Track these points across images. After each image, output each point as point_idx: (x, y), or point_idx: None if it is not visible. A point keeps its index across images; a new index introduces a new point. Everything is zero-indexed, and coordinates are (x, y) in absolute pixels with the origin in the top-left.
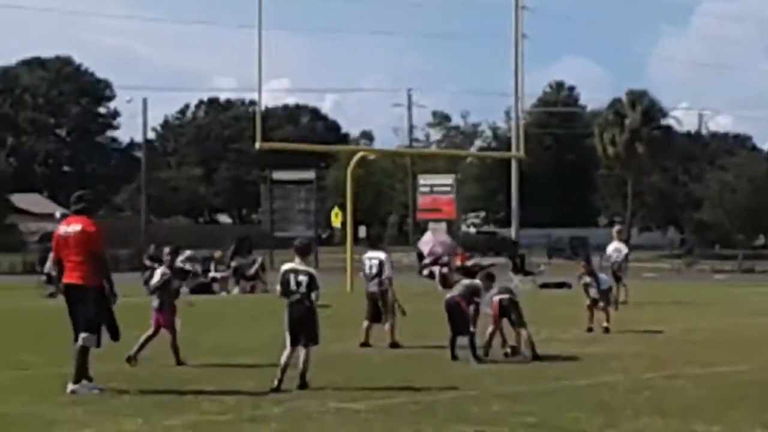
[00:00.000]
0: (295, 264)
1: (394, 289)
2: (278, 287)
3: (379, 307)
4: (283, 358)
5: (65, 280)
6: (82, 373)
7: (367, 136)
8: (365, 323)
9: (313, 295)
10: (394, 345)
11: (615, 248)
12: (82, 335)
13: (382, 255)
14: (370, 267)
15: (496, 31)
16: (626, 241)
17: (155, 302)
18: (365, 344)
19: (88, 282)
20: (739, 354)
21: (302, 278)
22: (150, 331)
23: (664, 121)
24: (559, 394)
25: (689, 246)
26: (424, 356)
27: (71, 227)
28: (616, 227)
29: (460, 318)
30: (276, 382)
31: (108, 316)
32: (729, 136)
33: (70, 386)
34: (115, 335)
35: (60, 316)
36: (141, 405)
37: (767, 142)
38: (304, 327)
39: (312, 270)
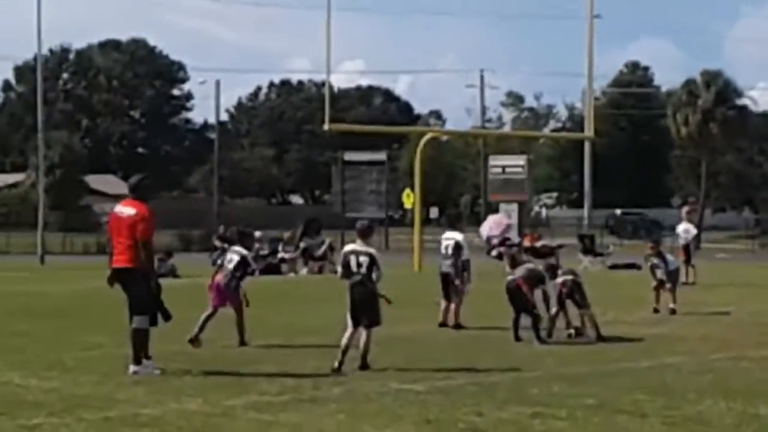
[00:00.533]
0: (356, 245)
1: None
2: (339, 269)
3: (450, 287)
4: (344, 340)
5: (115, 264)
6: (140, 354)
7: (437, 115)
8: (442, 303)
9: (374, 276)
10: (457, 326)
11: (684, 229)
12: (136, 318)
13: (458, 236)
14: (446, 247)
15: (570, 11)
16: (697, 223)
17: (225, 281)
18: (443, 324)
19: (138, 264)
20: None
21: (363, 259)
22: (209, 311)
23: (739, 101)
24: (620, 376)
25: (764, 227)
26: (488, 337)
27: (126, 210)
28: (686, 207)
29: (521, 300)
30: (336, 363)
31: (158, 300)
32: None
33: (132, 368)
34: (165, 317)
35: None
36: (202, 385)
37: None
38: (365, 308)
39: (373, 251)
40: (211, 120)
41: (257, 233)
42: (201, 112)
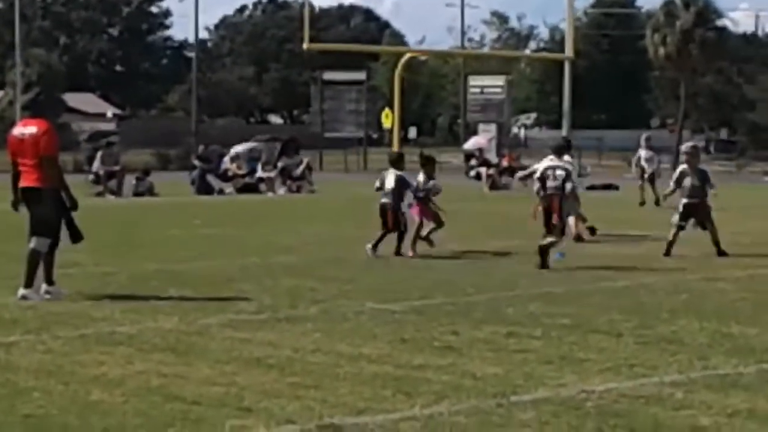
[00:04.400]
0: (552, 161)
1: None
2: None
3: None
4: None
5: (22, 184)
6: (33, 278)
7: (396, 36)
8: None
9: (567, 187)
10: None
11: (646, 158)
12: (35, 239)
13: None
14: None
15: None
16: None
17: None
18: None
19: (44, 184)
20: None
21: (559, 173)
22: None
23: (719, 23)
24: (596, 296)
25: (741, 148)
26: (466, 259)
27: (27, 129)
28: (645, 134)
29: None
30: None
31: (67, 220)
32: None
33: (21, 291)
34: (75, 238)
35: (105, 216)
36: (179, 304)
37: None
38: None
39: (569, 167)
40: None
41: (239, 148)
42: (183, 31)
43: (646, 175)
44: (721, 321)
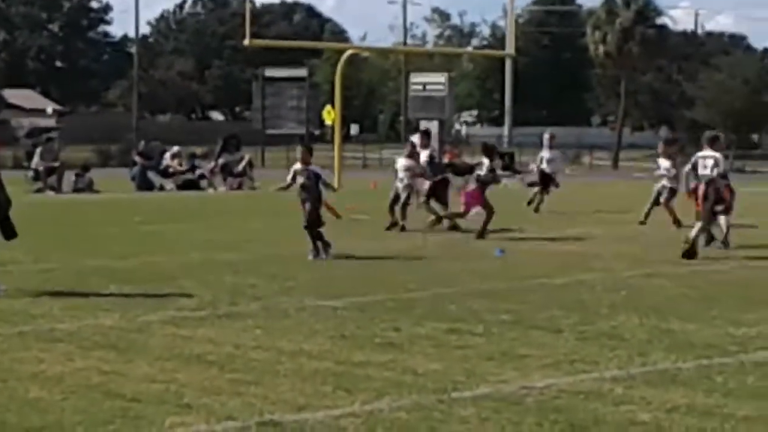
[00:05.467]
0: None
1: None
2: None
3: None
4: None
5: None
6: None
7: (338, 32)
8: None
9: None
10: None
11: (548, 159)
12: None
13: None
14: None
15: None
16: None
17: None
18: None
19: None
20: (721, 252)
21: (709, 162)
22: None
23: (659, 21)
24: (536, 292)
25: (681, 145)
26: (407, 253)
27: None
28: (547, 134)
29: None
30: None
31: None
32: (725, 36)
33: None
34: (8, 235)
35: (44, 212)
36: (119, 300)
37: (762, 42)
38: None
39: (719, 156)
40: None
41: (175, 148)
42: (123, 26)
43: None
44: (660, 317)
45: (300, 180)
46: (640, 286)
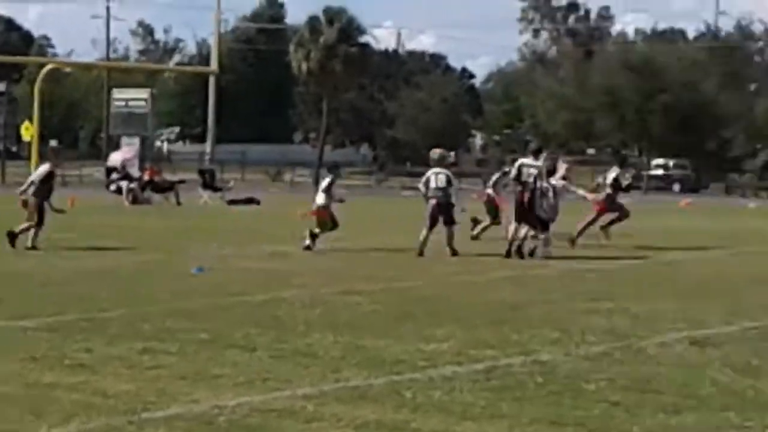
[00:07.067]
0: None
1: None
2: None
3: None
4: None
5: None
6: None
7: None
8: None
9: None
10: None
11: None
12: None
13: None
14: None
15: None
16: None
17: None
18: None
19: None
20: (416, 269)
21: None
22: None
23: (362, 39)
24: (235, 310)
25: (381, 163)
26: (103, 272)
27: None
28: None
29: None
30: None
31: None
32: (425, 55)
33: None
34: None
35: None
36: None
37: (462, 62)
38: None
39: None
40: None
41: None
42: None
43: None
44: (354, 333)
45: None
46: (335, 302)
